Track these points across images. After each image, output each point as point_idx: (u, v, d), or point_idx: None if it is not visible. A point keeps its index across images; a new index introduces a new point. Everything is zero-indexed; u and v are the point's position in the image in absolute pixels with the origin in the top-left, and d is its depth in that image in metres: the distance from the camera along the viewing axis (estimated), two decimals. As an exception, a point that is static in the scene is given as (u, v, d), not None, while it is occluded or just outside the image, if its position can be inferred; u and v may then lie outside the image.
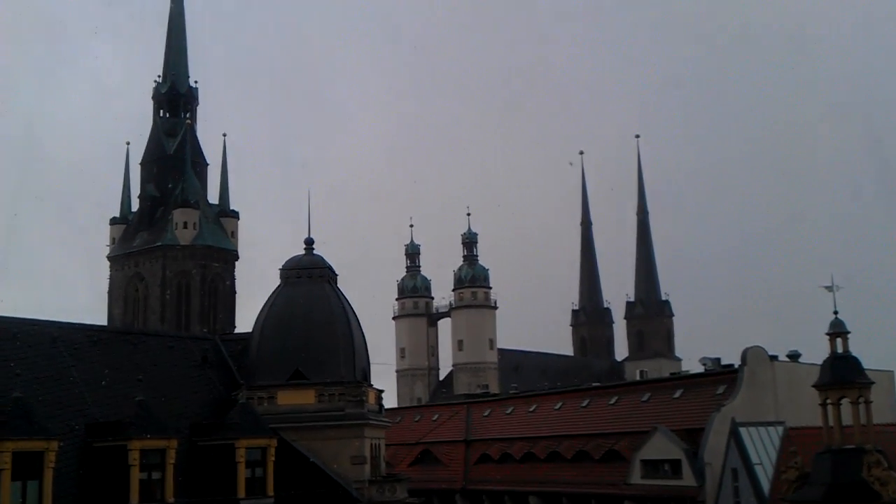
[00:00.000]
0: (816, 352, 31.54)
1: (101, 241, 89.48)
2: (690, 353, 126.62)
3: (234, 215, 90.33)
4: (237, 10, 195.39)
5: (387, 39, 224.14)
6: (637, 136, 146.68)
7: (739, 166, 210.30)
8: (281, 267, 41.42)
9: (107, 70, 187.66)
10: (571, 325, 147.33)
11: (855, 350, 28.99)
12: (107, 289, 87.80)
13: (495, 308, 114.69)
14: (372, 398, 38.96)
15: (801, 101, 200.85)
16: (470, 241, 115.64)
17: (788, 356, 41.88)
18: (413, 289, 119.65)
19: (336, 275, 41.85)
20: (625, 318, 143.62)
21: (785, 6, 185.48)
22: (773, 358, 40.79)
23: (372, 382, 40.23)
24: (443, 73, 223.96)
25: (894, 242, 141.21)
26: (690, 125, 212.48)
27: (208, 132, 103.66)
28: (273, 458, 32.94)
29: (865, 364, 29.06)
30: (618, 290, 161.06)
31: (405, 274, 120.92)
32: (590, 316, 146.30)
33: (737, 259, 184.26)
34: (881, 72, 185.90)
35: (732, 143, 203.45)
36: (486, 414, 55.48)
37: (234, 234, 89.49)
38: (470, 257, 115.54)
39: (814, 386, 29.24)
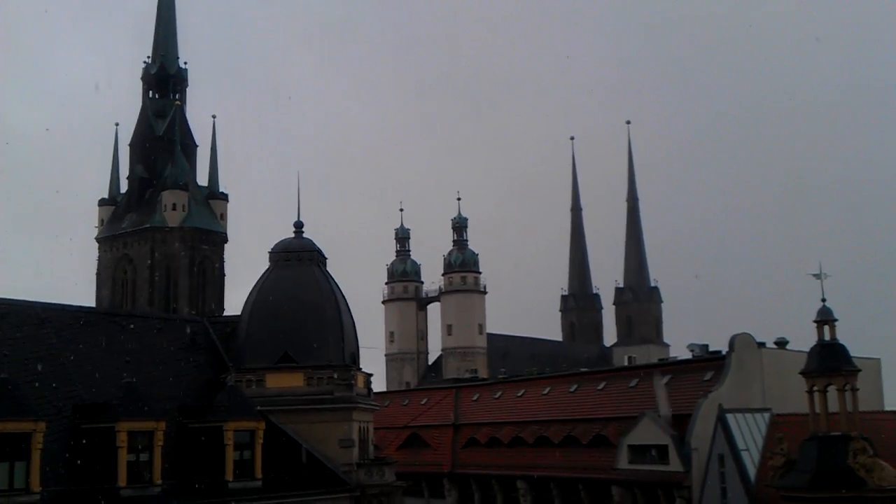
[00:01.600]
0: (804, 339, 31.69)
1: (89, 222, 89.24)
2: (678, 340, 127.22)
3: (224, 197, 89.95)
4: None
5: (377, 24, 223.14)
6: (628, 122, 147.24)
7: (730, 154, 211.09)
8: (270, 250, 41.30)
9: (96, 51, 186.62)
10: (560, 311, 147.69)
11: (842, 337, 29.16)
12: (95, 270, 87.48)
13: (485, 293, 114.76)
14: (361, 382, 38.96)
15: (792, 89, 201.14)
16: (460, 225, 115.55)
17: (776, 343, 41.98)
18: (403, 273, 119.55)
19: (325, 258, 41.77)
20: (614, 303, 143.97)
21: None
22: (761, 345, 40.88)
23: (361, 366, 40.24)
24: (433, 58, 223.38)
25: (882, 231, 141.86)
26: (681, 112, 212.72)
27: (197, 114, 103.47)
28: (261, 441, 32.92)
29: (852, 352, 29.22)
30: (607, 275, 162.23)
31: (395, 258, 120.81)
32: (579, 301, 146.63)
33: (726, 246, 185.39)
34: (873, 58, 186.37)
35: (723, 131, 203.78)
36: (474, 398, 55.60)
37: (223, 217, 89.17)
38: (460, 242, 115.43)
39: (801, 373, 29.42)
